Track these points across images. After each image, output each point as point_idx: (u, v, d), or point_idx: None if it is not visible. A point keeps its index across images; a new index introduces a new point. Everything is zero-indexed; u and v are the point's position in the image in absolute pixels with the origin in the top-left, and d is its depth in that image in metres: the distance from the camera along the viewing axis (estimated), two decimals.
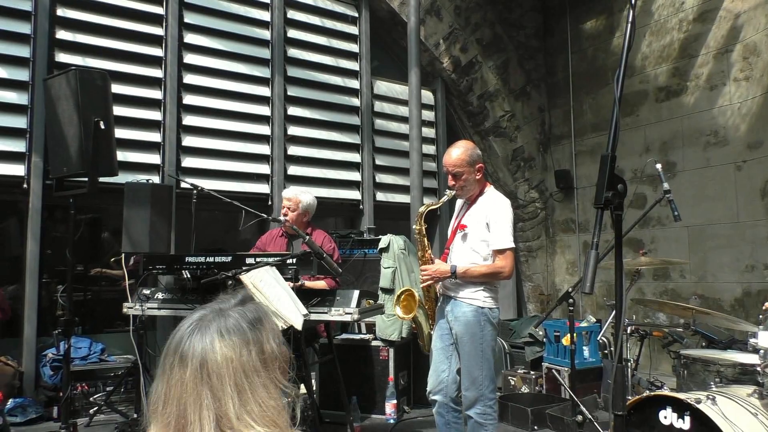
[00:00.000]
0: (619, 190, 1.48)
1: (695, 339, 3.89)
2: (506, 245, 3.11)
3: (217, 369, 1.06)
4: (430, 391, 3.28)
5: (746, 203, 5.40)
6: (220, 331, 1.10)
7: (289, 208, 4.09)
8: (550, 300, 7.11)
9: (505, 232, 3.12)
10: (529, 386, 5.02)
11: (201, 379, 1.05)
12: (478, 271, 3.12)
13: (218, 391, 1.05)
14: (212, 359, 1.06)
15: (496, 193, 3.28)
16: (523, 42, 7.27)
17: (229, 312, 1.14)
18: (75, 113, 3.46)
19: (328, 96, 6.05)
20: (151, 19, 5.09)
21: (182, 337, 1.10)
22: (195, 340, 1.09)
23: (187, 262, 3.54)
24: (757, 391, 2.70)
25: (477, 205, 3.25)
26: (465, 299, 3.16)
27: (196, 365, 1.06)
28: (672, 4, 6.11)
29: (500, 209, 3.17)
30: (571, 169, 7.10)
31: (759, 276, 5.28)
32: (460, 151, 3.20)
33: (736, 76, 5.53)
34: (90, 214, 5.16)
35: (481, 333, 3.12)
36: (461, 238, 3.22)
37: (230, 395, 1.05)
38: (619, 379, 1.43)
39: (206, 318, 1.13)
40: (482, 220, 3.17)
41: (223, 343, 1.08)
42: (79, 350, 4.50)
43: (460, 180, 3.18)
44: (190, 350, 1.08)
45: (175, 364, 1.08)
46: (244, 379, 1.07)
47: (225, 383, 1.05)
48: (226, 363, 1.07)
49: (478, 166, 3.21)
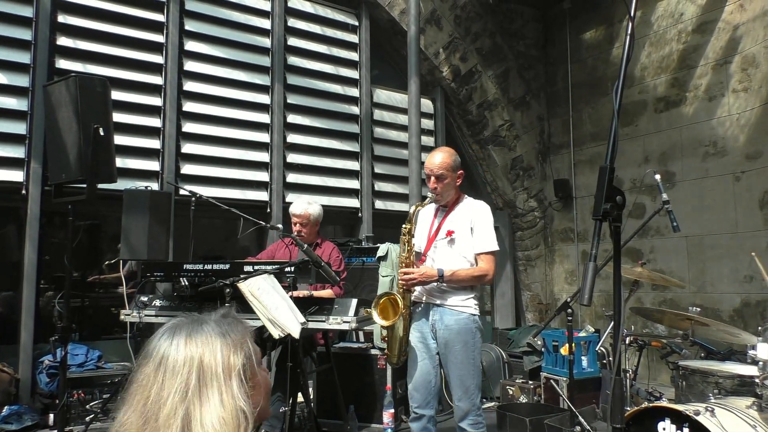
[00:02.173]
0: (618, 202, 1.48)
1: (694, 350, 3.88)
2: (492, 248, 3.17)
3: (173, 367, 1.10)
4: (419, 405, 3.16)
5: (745, 214, 5.40)
6: (189, 333, 1.15)
7: (302, 225, 4.09)
8: (549, 309, 7.10)
9: (490, 236, 3.18)
10: (528, 396, 4.99)
11: (155, 377, 1.10)
12: (465, 274, 3.12)
13: (163, 390, 1.08)
14: (172, 357, 1.11)
15: (475, 200, 3.33)
16: (523, 52, 7.29)
17: (206, 320, 1.19)
18: (75, 120, 3.46)
19: (327, 104, 6.06)
20: (152, 27, 5.10)
21: (153, 338, 1.17)
22: (163, 340, 1.15)
23: (185, 269, 3.52)
24: (756, 403, 2.69)
25: (458, 212, 3.26)
26: (456, 307, 3.13)
27: (156, 362, 1.11)
28: (671, 15, 6.14)
29: (484, 213, 3.22)
30: (570, 178, 7.11)
31: (758, 287, 5.27)
32: (444, 155, 3.24)
33: (735, 87, 5.55)
34: (88, 221, 5.15)
35: (473, 341, 3.11)
36: (448, 243, 3.20)
37: (172, 395, 1.08)
38: (617, 392, 1.42)
39: (182, 323, 1.18)
40: (467, 224, 3.19)
41: (188, 344, 1.13)
42: (76, 357, 4.48)
43: (442, 183, 3.19)
44: (155, 349, 1.13)
45: (141, 363, 1.13)
46: (195, 381, 1.10)
47: (173, 382, 1.09)
48: (184, 363, 1.11)
49: (460, 172, 3.25)
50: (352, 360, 4.65)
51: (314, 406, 4.40)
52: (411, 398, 3.22)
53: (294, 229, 4.05)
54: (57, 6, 4.71)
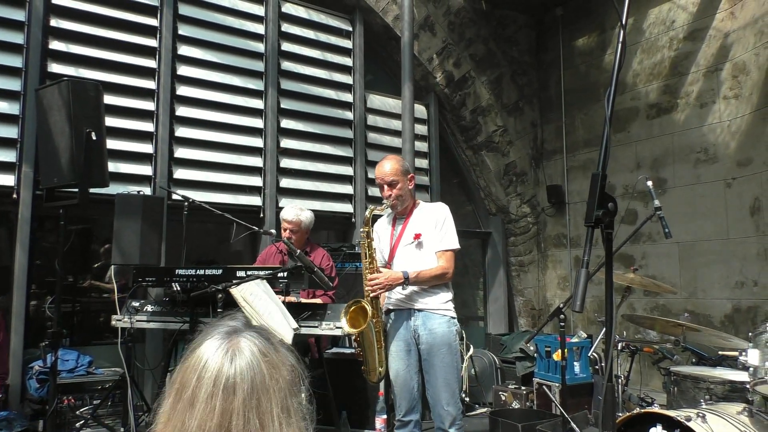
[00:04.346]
0: (610, 209, 1.49)
1: (685, 355, 3.90)
2: (453, 246, 3.22)
3: (267, 392, 0.99)
4: (406, 412, 3.18)
5: (736, 220, 5.43)
6: (259, 351, 1.03)
7: (292, 231, 4.08)
8: (542, 315, 7.11)
9: (452, 234, 3.24)
10: (520, 402, 4.99)
11: (251, 405, 0.98)
12: (429, 274, 3.15)
13: (266, 417, 0.98)
14: (261, 381, 1.00)
15: (433, 202, 3.42)
16: (516, 58, 7.33)
17: (249, 333, 1.07)
18: (67, 124, 3.44)
19: (321, 109, 6.06)
20: (145, 31, 5.09)
21: (220, 363, 1.00)
22: (238, 363, 1.00)
23: (177, 274, 3.51)
24: (746, 409, 2.71)
25: (418, 216, 3.31)
26: (438, 311, 3.16)
27: (247, 390, 0.98)
28: (663, 23, 6.19)
29: (446, 213, 3.29)
30: (563, 184, 7.14)
31: (749, 292, 5.31)
32: (392, 162, 3.34)
33: (726, 94, 5.59)
34: (80, 225, 5.13)
35: (455, 344, 3.16)
36: (416, 247, 3.23)
37: (278, 420, 0.99)
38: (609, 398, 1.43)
39: (232, 339, 1.04)
40: (432, 225, 3.24)
41: (267, 364, 1.02)
42: (67, 363, 4.44)
43: (396, 189, 3.26)
44: (238, 375, 0.99)
45: (219, 393, 0.98)
46: (288, 400, 1.02)
47: (273, 407, 0.99)
48: (273, 384, 1.01)
49: (410, 176, 3.34)
50: (345, 365, 4.63)
51: None
52: (397, 406, 3.22)
53: (284, 235, 4.04)
54: (49, 10, 4.68)
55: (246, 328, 1.09)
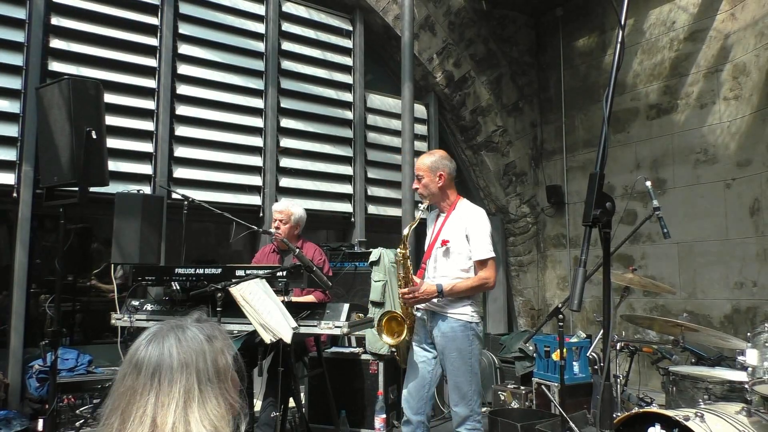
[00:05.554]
0: (608, 208, 1.49)
1: (684, 355, 3.90)
2: (487, 255, 3.14)
3: (171, 374, 1.11)
4: (411, 411, 3.21)
5: (735, 221, 5.44)
6: (178, 339, 1.16)
7: (281, 221, 4.09)
8: (541, 315, 7.12)
9: (485, 243, 3.15)
10: (519, 401, 5.00)
11: (151, 385, 1.10)
12: (464, 285, 3.13)
13: (164, 396, 1.10)
14: (167, 365, 1.12)
15: (470, 205, 3.31)
16: (516, 58, 7.33)
17: (187, 326, 1.20)
18: (67, 122, 3.44)
19: (321, 108, 6.06)
20: (146, 30, 5.09)
21: (138, 346, 1.16)
22: (152, 348, 1.14)
23: (176, 273, 3.52)
24: (745, 409, 2.71)
25: (453, 218, 3.27)
26: (453, 314, 3.15)
27: (150, 371, 1.11)
28: (663, 23, 6.19)
29: (478, 220, 3.20)
30: (563, 184, 7.14)
31: (748, 293, 5.31)
32: (425, 156, 3.34)
33: (726, 95, 5.59)
34: (80, 224, 5.13)
35: (469, 348, 3.12)
36: (443, 254, 3.22)
37: (176, 400, 1.10)
38: (606, 397, 1.43)
39: (163, 330, 1.18)
40: (461, 232, 3.19)
41: (180, 350, 1.14)
42: (66, 362, 4.44)
43: (420, 183, 3.27)
44: (146, 358, 1.13)
45: (128, 372, 1.13)
46: (196, 386, 1.12)
47: (174, 388, 1.10)
48: (181, 369, 1.12)
49: (439, 173, 3.25)
50: (344, 365, 4.64)
51: (306, 411, 4.39)
52: (405, 402, 3.25)
53: (272, 226, 4.05)
54: (50, 8, 4.69)
55: (192, 321, 1.22)
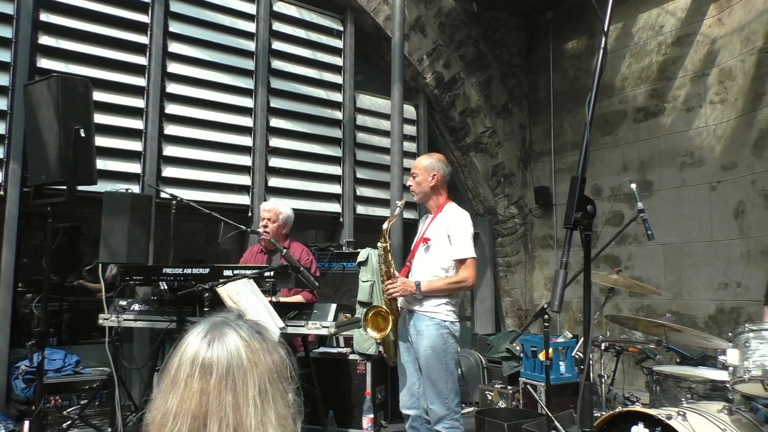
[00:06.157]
0: (589, 211, 1.52)
1: (669, 355, 3.95)
2: (467, 255, 3.23)
3: (243, 374, 1.06)
4: (404, 405, 3.36)
5: (720, 223, 5.50)
6: (241, 338, 1.09)
7: (269, 220, 4.10)
8: (528, 315, 7.17)
9: (465, 243, 3.25)
10: (506, 401, 5.03)
11: (226, 385, 1.04)
12: (442, 283, 3.22)
13: (241, 398, 1.04)
14: (238, 364, 1.06)
15: (456, 208, 3.41)
16: (506, 60, 7.37)
17: (238, 323, 1.13)
18: (55, 120, 3.43)
19: (310, 108, 6.07)
20: (136, 28, 5.07)
21: (198, 347, 1.08)
22: (217, 348, 1.07)
23: (164, 273, 3.52)
24: (726, 408, 2.75)
25: (438, 219, 3.37)
26: (428, 313, 3.23)
27: (222, 372, 1.05)
28: (651, 27, 6.25)
29: (459, 221, 3.30)
30: (551, 185, 7.19)
31: (732, 294, 5.38)
32: (423, 156, 3.50)
33: (712, 99, 5.66)
34: (68, 223, 5.10)
35: (444, 346, 3.19)
36: (424, 251, 3.33)
37: (253, 402, 1.05)
38: (586, 396, 1.46)
39: (217, 328, 1.11)
40: (444, 232, 3.28)
41: (247, 349, 1.08)
42: (53, 362, 4.41)
43: (414, 181, 3.41)
44: (214, 357, 1.06)
45: (195, 373, 1.05)
46: (267, 385, 1.08)
47: (249, 389, 1.05)
48: (251, 368, 1.07)
49: (433, 174, 3.36)
50: (332, 365, 4.66)
51: None
52: (400, 398, 3.41)
53: (260, 225, 4.07)
54: (39, 4, 4.65)
55: (235, 318, 1.15)
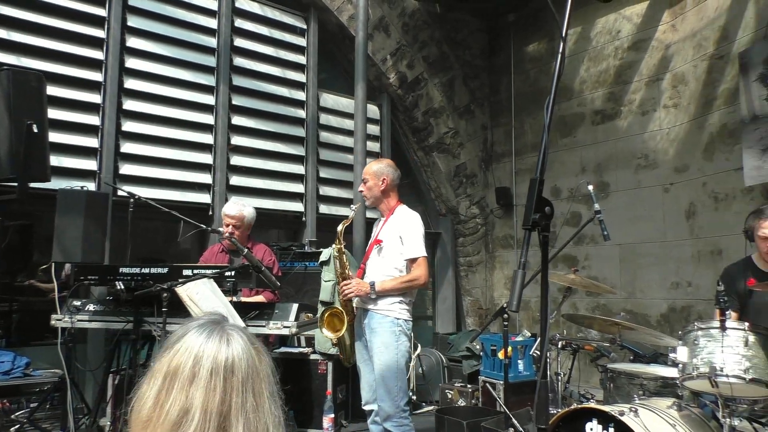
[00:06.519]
0: (547, 213, 1.55)
1: (623, 353, 4.06)
2: (418, 254, 3.32)
3: (258, 376, 1.08)
4: (366, 401, 3.41)
5: (673, 224, 5.68)
6: (244, 340, 1.10)
7: (235, 227, 4.04)
8: (489, 314, 7.26)
9: (416, 242, 3.33)
10: (466, 399, 5.09)
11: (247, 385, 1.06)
12: (395, 282, 3.30)
13: (258, 397, 1.06)
14: (253, 365, 1.07)
15: (406, 210, 3.49)
16: (468, 61, 7.45)
17: (230, 325, 1.13)
18: (6, 115, 3.33)
19: (273, 107, 6.02)
20: (93, 21, 4.94)
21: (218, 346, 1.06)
22: (235, 347, 1.07)
23: (121, 272, 3.44)
24: (676, 403, 2.85)
25: (390, 222, 3.45)
26: (381, 311, 3.29)
27: (244, 372, 1.06)
28: (609, 32, 6.41)
29: (410, 222, 3.39)
30: (512, 186, 7.30)
31: (683, 293, 5.56)
32: (374, 163, 3.58)
33: (666, 103, 5.84)
34: (19, 221, 4.93)
35: (395, 343, 3.25)
36: (377, 252, 3.41)
37: (267, 400, 1.08)
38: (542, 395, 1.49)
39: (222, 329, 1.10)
40: (396, 233, 3.36)
41: (254, 351, 1.10)
42: (2, 364, 4.25)
43: (365, 186, 3.48)
44: (236, 357, 1.06)
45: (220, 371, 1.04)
46: (273, 386, 1.10)
47: (264, 390, 1.08)
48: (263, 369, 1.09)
49: (382, 178, 3.45)
50: (293, 365, 4.63)
51: None
52: (362, 395, 3.46)
53: (225, 230, 4.00)
54: None
55: (225, 320, 1.16)
